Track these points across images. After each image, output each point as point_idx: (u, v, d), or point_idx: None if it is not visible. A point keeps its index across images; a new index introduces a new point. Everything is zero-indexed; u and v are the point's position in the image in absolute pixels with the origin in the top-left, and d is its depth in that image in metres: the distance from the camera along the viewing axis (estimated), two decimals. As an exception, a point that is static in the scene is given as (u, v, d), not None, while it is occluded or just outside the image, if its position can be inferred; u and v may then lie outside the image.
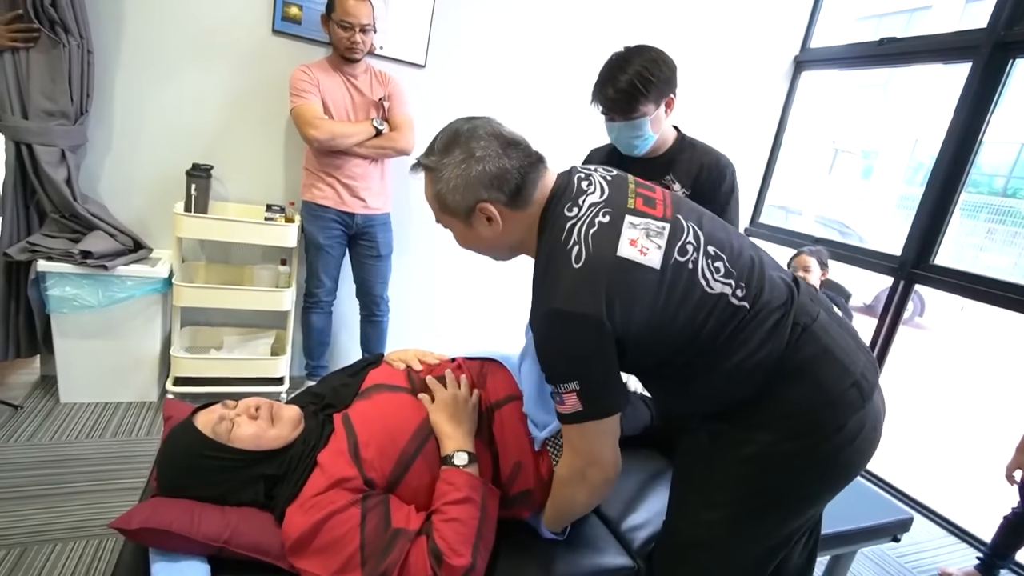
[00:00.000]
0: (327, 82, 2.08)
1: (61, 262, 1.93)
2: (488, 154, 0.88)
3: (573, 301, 0.81)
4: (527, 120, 2.66)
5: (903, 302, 2.49)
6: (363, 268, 2.33)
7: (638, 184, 0.96)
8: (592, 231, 0.85)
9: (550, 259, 0.88)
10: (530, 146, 0.93)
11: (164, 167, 2.19)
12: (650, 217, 0.88)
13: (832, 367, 0.89)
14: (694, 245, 0.88)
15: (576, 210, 0.88)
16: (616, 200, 0.90)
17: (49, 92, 1.91)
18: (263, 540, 0.92)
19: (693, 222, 0.92)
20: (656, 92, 1.36)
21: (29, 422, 1.98)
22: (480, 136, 0.89)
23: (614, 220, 0.86)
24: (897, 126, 10.59)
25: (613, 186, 0.93)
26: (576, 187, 0.92)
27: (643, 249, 0.84)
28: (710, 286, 0.87)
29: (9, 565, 1.40)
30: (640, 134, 1.41)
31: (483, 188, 0.88)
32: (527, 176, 0.90)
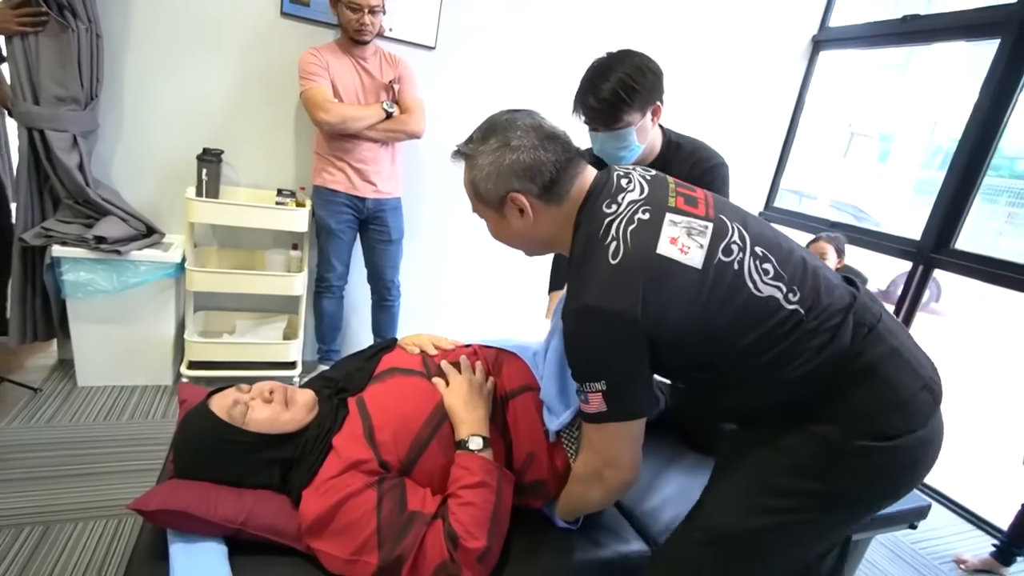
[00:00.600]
0: (336, 65, 2.06)
1: (75, 247, 1.94)
2: (524, 144, 0.86)
3: (607, 298, 0.79)
4: (538, 104, 2.62)
5: (921, 287, 2.45)
6: (374, 253, 2.33)
7: (678, 184, 0.93)
8: (631, 228, 0.82)
9: (586, 254, 0.85)
10: (570, 141, 0.91)
11: (175, 152, 2.19)
12: (692, 216, 0.85)
13: (902, 368, 0.84)
14: (740, 245, 0.84)
15: (615, 207, 0.86)
16: (656, 198, 0.87)
17: (59, 77, 1.90)
18: (279, 522, 0.92)
19: (738, 222, 0.87)
20: (641, 100, 1.28)
21: (48, 404, 2.01)
22: (518, 127, 0.88)
23: (654, 217, 0.83)
24: (916, 108, 10.36)
25: (653, 185, 0.90)
26: (615, 184, 0.89)
27: (684, 248, 0.81)
28: (758, 288, 0.82)
29: (33, 543, 1.44)
30: (625, 144, 1.34)
31: (516, 178, 0.87)
32: (563, 170, 0.88)
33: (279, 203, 2.19)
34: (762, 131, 3.18)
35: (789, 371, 0.82)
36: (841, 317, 0.83)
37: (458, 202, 2.70)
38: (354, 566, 0.86)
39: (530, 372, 1.15)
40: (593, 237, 0.85)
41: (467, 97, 2.55)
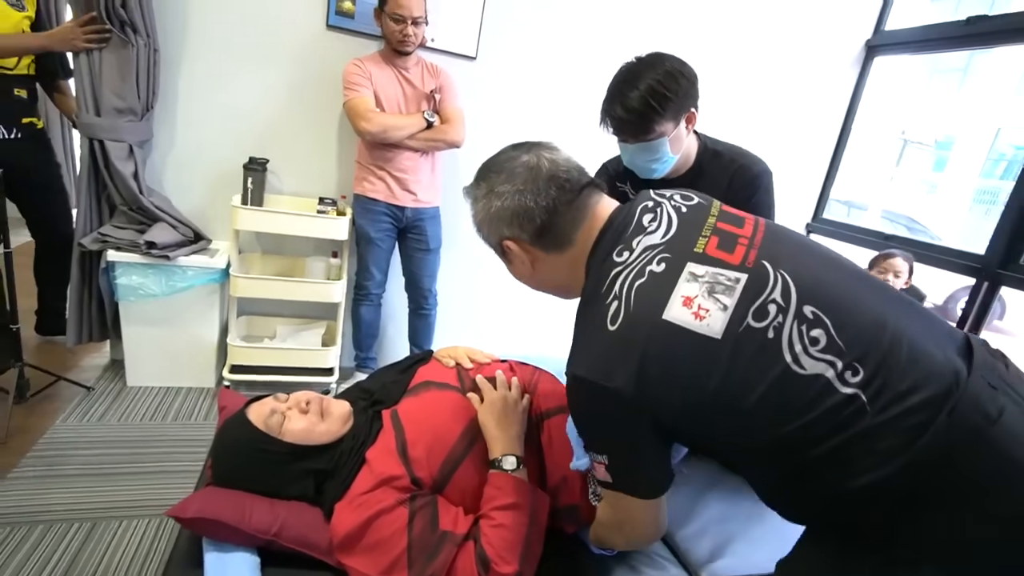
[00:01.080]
0: (379, 75, 2.09)
1: (128, 252, 2.02)
2: (507, 190, 0.79)
3: (600, 372, 0.68)
4: (580, 114, 2.59)
5: (987, 305, 2.29)
6: (412, 261, 2.34)
7: (722, 216, 0.78)
8: (639, 283, 0.69)
9: (586, 312, 0.75)
10: (574, 178, 0.80)
11: (223, 161, 2.25)
12: (721, 265, 0.69)
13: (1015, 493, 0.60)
14: (780, 305, 0.66)
15: (627, 255, 0.73)
16: (680, 242, 0.73)
17: (119, 90, 1.99)
18: (311, 535, 0.92)
19: (787, 269, 0.69)
20: (674, 109, 1.17)
21: (100, 403, 2.09)
22: (508, 169, 0.81)
23: (670, 269, 0.70)
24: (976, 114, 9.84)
25: (685, 221, 0.76)
26: (635, 224, 0.77)
27: (700, 311, 0.66)
28: (799, 363, 0.64)
29: (80, 539, 1.48)
30: (657, 157, 1.22)
31: (504, 225, 0.80)
32: (556, 215, 0.78)
33: (320, 211, 2.23)
34: (811, 139, 3.06)
35: (848, 479, 0.63)
36: (929, 413, 0.61)
37: (496, 211, 2.69)
38: (384, 584, 0.84)
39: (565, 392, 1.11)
40: (596, 292, 0.74)
41: (507, 107, 2.55)
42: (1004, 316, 6.24)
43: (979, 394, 0.63)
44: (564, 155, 0.83)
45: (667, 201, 0.81)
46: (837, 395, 0.63)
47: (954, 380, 0.64)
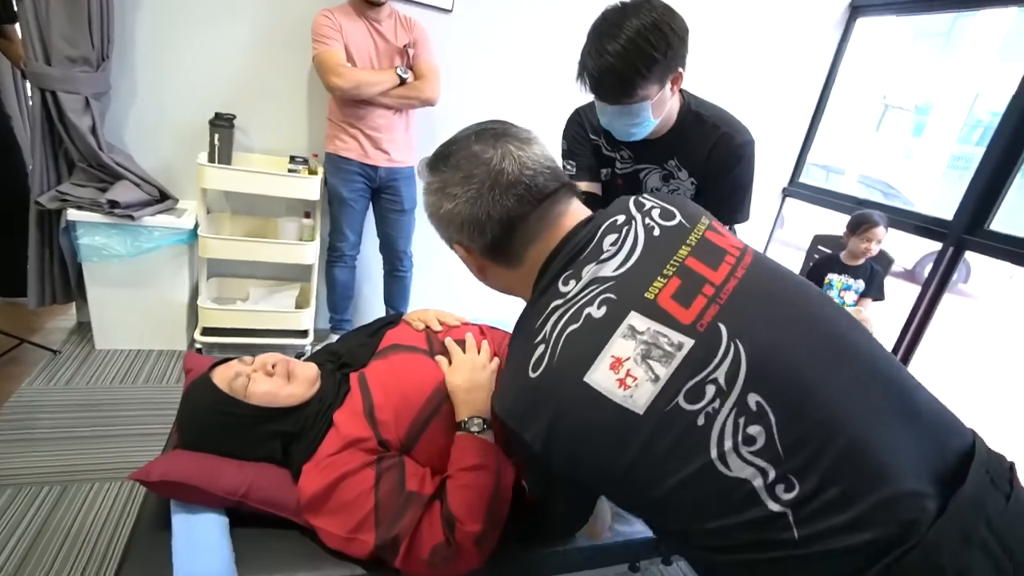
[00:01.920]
0: (350, 28, 2.00)
1: (90, 211, 1.94)
2: (460, 194, 0.68)
3: (515, 418, 0.63)
4: (560, 70, 2.53)
5: (950, 270, 2.35)
6: (387, 222, 2.30)
7: (700, 246, 0.66)
8: (571, 329, 0.60)
9: (517, 341, 0.68)
10: (538, 187, 0.68)
11: (187, 116, 2.16)
12: (668, 323, 0.59)
13: None
14: (721, 388, 0.55)
15: (572, 284, 0.64)
16: (633, 280, 0.62)
17: (69, 36, 1.88)
18: (280, 496, 0.92)
19: (744, 339, 0.57)
20: (659, 70, 1.03)
21: (67, 367, 2.05)
22: (464, 167, 0.68)
23: (608, 319, 0.60)
24: (957, 79, 9.87)
25: (652, 247, 0.65)
26: (593, 245, 0.67)
27: (627, 378, 0.56)
28: (726, 463, 0.53)
29: (52, 501, 1.48)
30: (637, 121, 1.11)
31: (454, 229, 0.71)
32: (511, 231, 0.68)
33: (291, 170, 2.16)
34: (790, 102, 3.04)
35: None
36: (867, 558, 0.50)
37: (473, 172, 2.64)
38: (351, 544, 0.86)
39: None
40: (529, 326, 0.66)
41: (485, 62, 2.47)
42: (968, 280, 6.43)
43: (941, 546, 0.49)
44: (536, 152, 0.70)
45: (642, 217, 0.70)
46: (762, 509, 0.53)
47: (914, 520, 0.51)
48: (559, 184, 0.70)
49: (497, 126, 0.73)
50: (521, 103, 2.57)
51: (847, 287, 2.56)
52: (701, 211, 0.75)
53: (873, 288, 2.52)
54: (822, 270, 2.65)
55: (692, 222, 0.70)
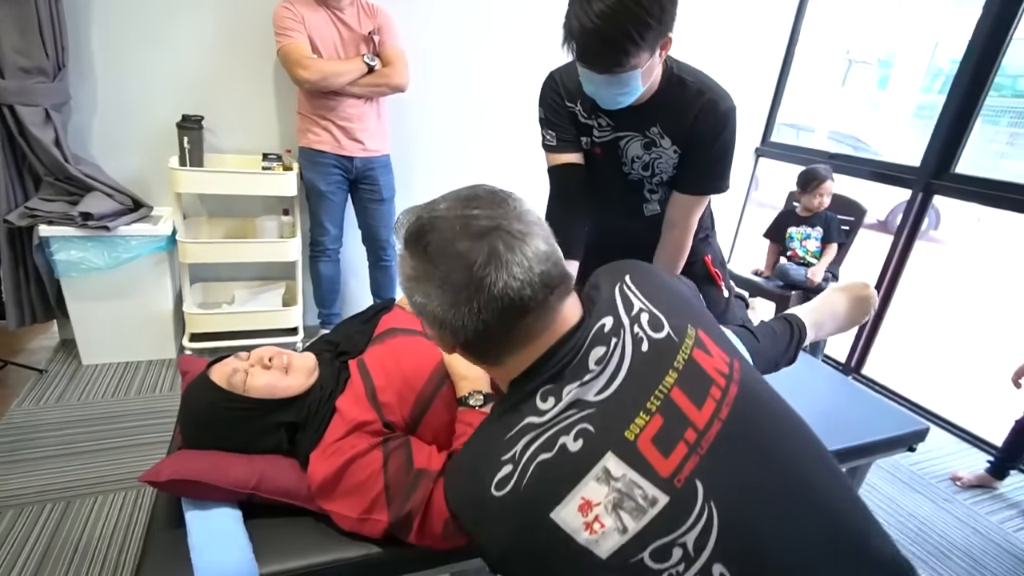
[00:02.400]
0: (312, 18, 1.96)
1: (62, 225, 1.91)
2: (438, 297, 0.60)
3: (469, 520, 0.61)
4: (530, 52, 2.52)
5: (920, 216, 2.42)
6: (367, 213, 2.29)
7: (686, 371, 0.62)
8: (543, 458, 0.57)
9: (480, 441, 0.65)
10: (525, 299, 0.59)
11: (154, 121, 2.12)
12: (644, 473, 0.56)
13: None
14: (688, 553, 0.54)
15: (551, 403, 0.60)
16: (614, 412, 0.59)
17: (21, 47, 1.82)
18: (290, 484, 0.94)
19: (719, 501, 0.55)
20: (653, 36, 0.96)
21: (55, 385, 2.03)
22: (442, 265, 0.59)
23: (583, 456, 0.57)
24: (916, 30, 9.99)
25: (638, 368, 0.61)
26: (579, 359, 0.62)
27: (594, 523, 0.54)
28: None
29: (56, 518, 1.48)
30: (627, 91, 1.06)
31: (427, 322, 0.65)
32: (488, 340, 0.62)
33: (265, 168, 2.14)
34: (757, 63, 3.07)
35: None
36: None
37: (449, 157, 2.64)
38: (365, 524, 0.88)
39: None
40: (498, 429, 0.62)
41: (452, 46, 2.45)
42: (939, 226, 6.59)
43: None
44: (529, 252, 0.60)
45: (630, 324, 0.65)
46: None
47: None
48: (548, 293, 0.61)
49: (488, 217, 0.61)
50: (489, 83, 2.56)
51: (806, 236, 2.68)
52: (689, 314, 0.70)
53: (833, 233, 2.63)
54: (782, 226, 2.76)
55: (680, 335, 0.65)
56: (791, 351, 1.16)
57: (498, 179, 2.50)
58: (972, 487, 2.02)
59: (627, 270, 0.73)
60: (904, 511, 1.88)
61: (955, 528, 1.82)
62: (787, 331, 1.17)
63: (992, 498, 1.99)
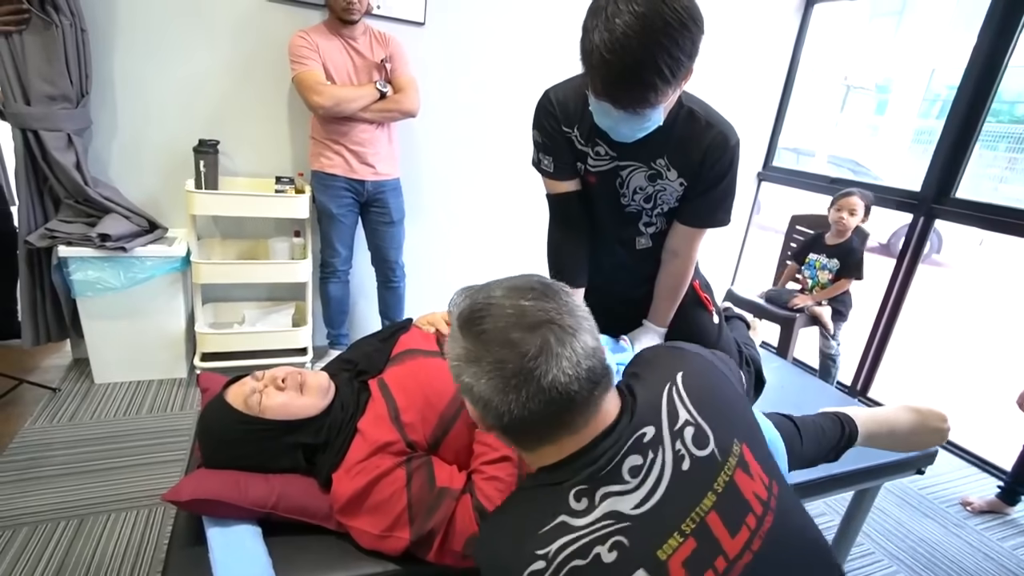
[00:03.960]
0: (326, 46, 2.03)
1: (81, 246, 1.95)
2: (486, 380, 0.62)
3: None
4: (535, 78, 2.59)
5: (923, 239, 2.45)
6: (377, 235, 2.33)
7: (725, 495, 0.62)
8: (575, 564, 0.58)
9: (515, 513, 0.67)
10: (571, 394, 0.61)
11: (171, 145, 2.18)
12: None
13: None
14: None
15: (585, 504, 0.61)
16: (649, 531, 0.59)
17: (47, 75, 1.88)
18: (309, 503, 0.95)
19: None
20: (683, 72, 0.89)
21: (68, 403, 2.04)
22: (494, 351, 0.62)
23: (617, 569, 0.58)
24: (912, 56, 10.17)
25: (676, 487, 0.62)
26: (614, 465, 0.63)
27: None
28: None
29: (69, 536, 1.48)
30: (647, 125, 0.99)
31: (470, 400, 0.66)
32: (528, 427, 0.63)
33: (278, 191, 2.19)
34: (759, 90, 3.14)
35: None
36: None
37: (458, 180, 2.69)
38: (386, 541, 0.89)
39: None
40: (532, 522, 0.62)
41: (460, 73, 2.52)
42: (941, 250, 6.62)
43: None
44: (579, 348, 0.62)
45: (672, 440, 0.65)
46: None
47: None
48: (592, 388, 0.63)
49: (542, 309, 0.63)
50: (497, 109, 2.62)
51: (824, 266, 2.65)
52: (737, 425, 0.69)
53: (849, 268, 2.56)
54: (806, 250, 2.75)
55: (724, 453, 0.65)
56: (833, 453, 1.11)
57: (506, 202, 2.55)
58: (983, 512, 2.01)
59: (680, 367, 0.72)
60: (915, 536, 1.87)
61: (967, 554, 1.81)
62: (837, 433, 1.10)
63: (1004, 524, 1.98)
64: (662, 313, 1.36)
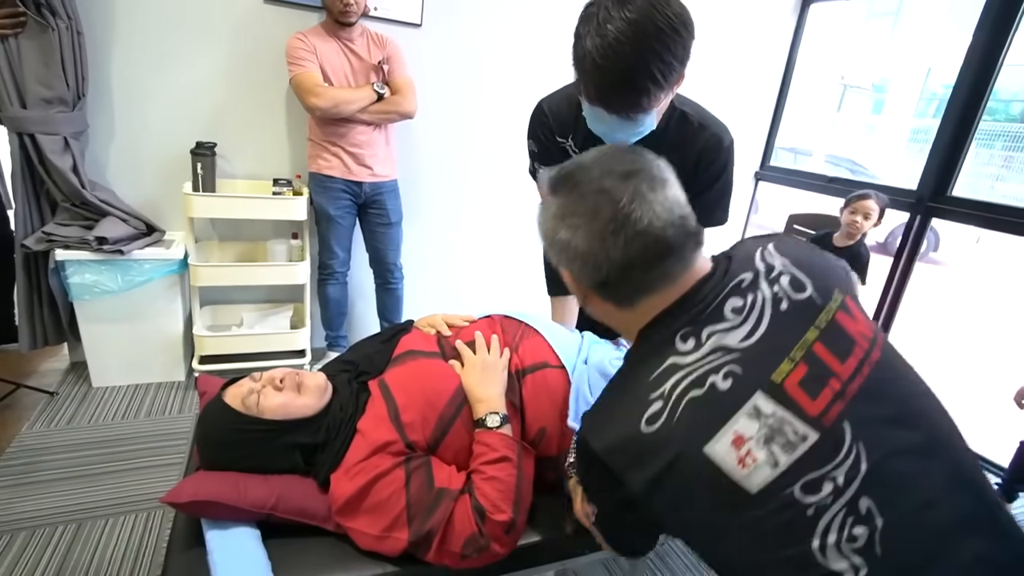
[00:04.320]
0: (324, 48, 2.03)
1: (78, 250, 1.94)
2: (584, 229, 0.65)
3: (616, 462, 0.62)
4: (532, 80, 2.59)
5: (920, 238, 2.46)
6: (375, 236, 2.33)
7: (829, 330, 0.62)
8: (693, 394, 0.59)
9: (623, 384, 0.67)
10: (666, 239, 0.64)
11: (168, 148, 2.17)
12: (795, 411, 0.58)
13: None
14: (837, 487, 0.55)
15: (691, 344, 0.62)
16: (760, 359, 0.60)
17: (44, 78, 1.88)
18: (307, 504, 0.95)
19: (867, 441, 0.57)
20: (675, 76, 0.90)
21: (66, 407, 2.04)
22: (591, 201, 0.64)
23: (734, 393, 0.59)
24: (909, 56, 10.21)
25: (779, 323, 0.62)
26: (714, 306, 0.64)
27: (746, 457, 0.56)
28: (824, 553, 0.54)
29: (67, 540, 1.48)
30: (640, 130, 1.00)
31: (566, 259, 0.69)
32: (627, 276, 0.65)
33: (276, 193, 2.19)
34: (755, 90, 3.15)
35: None
36: None
37: (455, 181, 2.69)
38: (385, 542, 0.89)
39: (550, 350, 1.14)
40: (642, 371, 0.64)
41: (457, 74, 2.52)
42: (938, 248, 6.64)
43: None
44: (668, 197, 0.65)
45: (768, 284, 0.65)
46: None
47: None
48: (686, 238, 0.66)
49: (630, 160, 0.67)
50: (495, 110, 2.62)
51: None
52: (835, 280, 0.68)
53: (855, 271, 2.49)
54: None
55: (824, 297, 0.65)
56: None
57: (504, 203, 2.55)
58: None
59: (770, 239, 0.74)
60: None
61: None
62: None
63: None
64: None
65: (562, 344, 1.17)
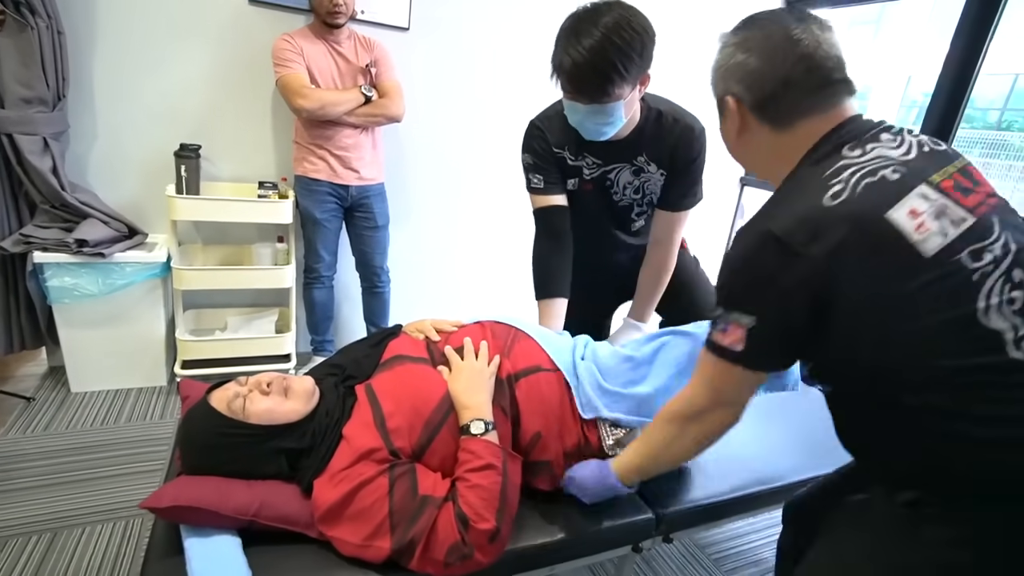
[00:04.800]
0: (311, 50, 2.02)
1: (57, 252, 1.91)
2: (756, 47, 0.77)
3: (797, 237, 0.67)
4: (519, 83, 2.60)
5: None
6: (361, 240, 2.31)
7: (963, 172, 0.72)
8: (869, 180, 0.68)
9: (797, 182, 0.75)
10: (827, 69, 0.75)
11: (152, 150, 2.14)
12: (953, 200, 0.68)
13: None
14: (996, 257, 0.65)
15: (859, 152, 0.72)
16: (917, 167, 0.70)
17: (23, 78, 1.85)
18: (291, 511, 0.94)
19: (1011, 231, 0.68)
20: (636, 70, 1.09)
21: (43, 413, 1.99)
22: (767, 29, 0.77)
23: (903, 181, 0.68)
24: (890, 64, 10.40)
25: (926, 155, 0.72)
26: (871, 133, 0.74)
27: (922, 226, 0.65)
28: (988, 315, 0.63)
29: (42, 550, 1.44)
30: (611, 121, 1.16)
31: (734, 80, 0.79)
32: (790, 94, 0.76)
33: (261, 196, 2.17)
34: (740, 96, 3.17)
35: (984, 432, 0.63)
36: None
37: (442, 185, 2.69)
38: (367, 550, 0.88)
39: (543, 353, 1.14)
40: (815, 174, 0.72)
41: (444, 78, 2.52)
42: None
43: None
44: (833, 39, 0.77)
45: (909, 135, 0.76)
46: (1004, 357, 0.63)
47: None
48: (843, 76, 0.77)
49: (800, 10, 0.80)
50: (482, 115, 2.63)
51: None
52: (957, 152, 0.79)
53: None
54: None
55: (956, 154, 0.76)
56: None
57: (492, 207, 2.55)
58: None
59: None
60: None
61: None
62: None
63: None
64: (642, 309, 1.51)
65: (555, 346, 1.16)
